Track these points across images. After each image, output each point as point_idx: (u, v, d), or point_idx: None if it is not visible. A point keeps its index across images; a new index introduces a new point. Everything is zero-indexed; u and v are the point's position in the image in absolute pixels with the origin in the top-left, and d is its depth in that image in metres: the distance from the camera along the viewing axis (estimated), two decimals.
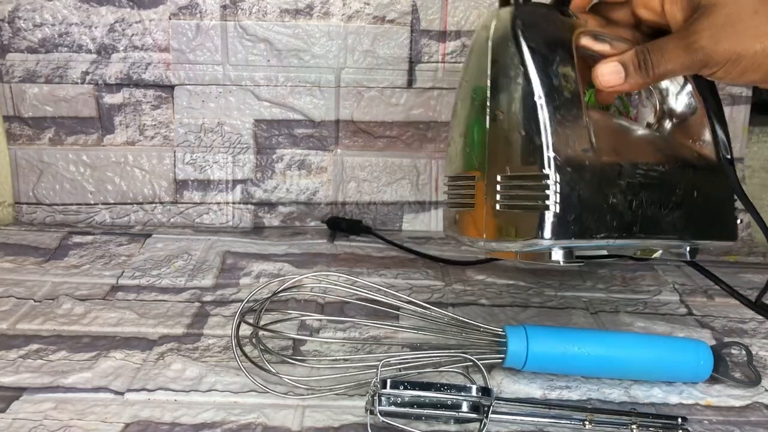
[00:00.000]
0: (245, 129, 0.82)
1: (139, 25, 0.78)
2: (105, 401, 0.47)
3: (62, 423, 0.45)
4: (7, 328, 0.57)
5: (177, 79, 0.80)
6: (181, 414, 0.46)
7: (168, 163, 0.82)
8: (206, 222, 0.82)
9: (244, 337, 0.54)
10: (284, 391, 0.49)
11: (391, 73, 0.81)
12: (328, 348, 0.56)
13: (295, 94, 0.81)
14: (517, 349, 0.50)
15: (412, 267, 0.71)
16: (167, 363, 0.52)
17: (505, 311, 0.63)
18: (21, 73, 0.79)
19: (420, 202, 0.84)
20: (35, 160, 0.81)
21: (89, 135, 0.81)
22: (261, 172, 0.83)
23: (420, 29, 0.80)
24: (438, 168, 0.83)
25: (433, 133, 0.83)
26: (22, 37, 0.78)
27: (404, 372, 0.50)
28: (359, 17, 0.80)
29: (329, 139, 0.82)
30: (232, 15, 0.79)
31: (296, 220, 0.83)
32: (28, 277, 0.66)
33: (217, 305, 0.62)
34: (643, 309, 0.64)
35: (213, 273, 0.68)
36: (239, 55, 0.80)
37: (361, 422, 0.46)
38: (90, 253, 0.72)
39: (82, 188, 0.81)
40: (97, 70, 0.79)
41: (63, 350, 0.54)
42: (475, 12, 0.80)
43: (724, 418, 0.47)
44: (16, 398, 0.47)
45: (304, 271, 0.70)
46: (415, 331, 0.54)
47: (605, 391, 0.50)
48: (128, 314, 0.59)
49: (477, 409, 0.44)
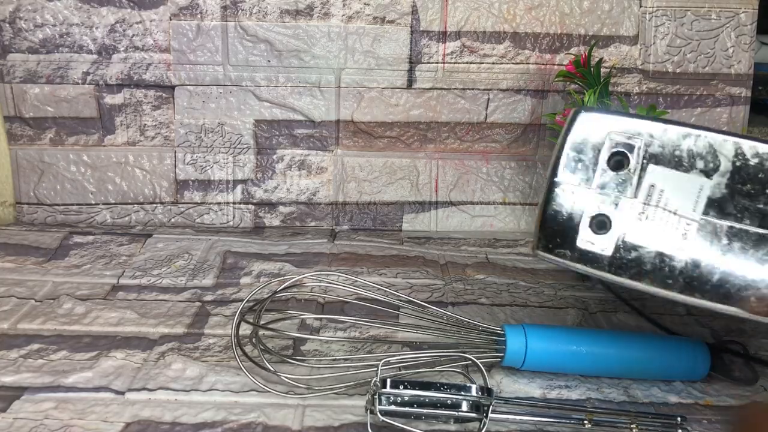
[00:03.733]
0: (246, 129, 0.82)
1: (139, 25, 0.79)
2: (106, 401, 0.47)
3: (63, 422, 0.45)
4: (8, 327, 0.57)
5: (177, 79, 0.80)
6: (182, 413, 0.46)
7: (169, 164, 0.82)
8: (207, 222, 0.83)
9: (244, 337, 0.54)
10: (284, 390, 0.49)
11: (391, 74, 0.81)
12: (328, 347, 0.56)
13: (296, 95, 0.81)
14: (516, 348, 0.50)
15: (412, 266, 0.72)
16: (168, 362, 0.52)
17: (505, 310, 0.63)
18: (22, 74, 0.79)
19: (420, 202, 0.84)
20: (36, 161, 0.81)
21: (90, 135, 0.81)
22: (261, 173, 0.83)
23: (420, 30, 0.80)
24: (438, 168, 0.83)
25: (433, 133, 0.83)
26: (23, 37, 0.78)
27: (404, 371, 0.50)
28: (359, 18, 0.80)
29: (329, 140, 0.83)
30: (232, 16, 0.79)
31: (296, 220, 0.84)
32: (29, 277, 0.66)
33: (218, 305, 0.62)
34: (642, 309, 0.64)
35: (213, 273, 0.69)
36: (240, 55, 0.80)
37: (361, 421, 0.46)
38: (91, 253, 0.72)
39: (83, 188, 0.81)
40: (97, 71, 0.79)
41: (64, 350, 0.54)
42: (475, 12, 0.80)
43: (723, 418, 0.48)
44: (17, 398, 0.47)
45: (304, 270, 0.70)
46: (415, 330, 0.54)
47: (605, 391, 0.50)
48: (129, 314, 0.60)
49: (477, 408, 0.44)
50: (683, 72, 0.83)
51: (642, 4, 0.81)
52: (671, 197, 0.44)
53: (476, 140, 0.83)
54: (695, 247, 0.43)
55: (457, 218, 0.84)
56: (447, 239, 0.80)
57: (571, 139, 0.46)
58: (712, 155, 0.43)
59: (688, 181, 0.43)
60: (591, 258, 0.44)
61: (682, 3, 0.81)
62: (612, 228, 0.44)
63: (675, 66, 0.82)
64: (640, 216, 0.44)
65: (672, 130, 0.44)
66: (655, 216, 0.44)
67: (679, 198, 0.43)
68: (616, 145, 0.44)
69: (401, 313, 0.60)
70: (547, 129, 0.82)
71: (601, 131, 0.45)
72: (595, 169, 0.45)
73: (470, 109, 0.82)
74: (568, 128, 0.46)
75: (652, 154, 0.44)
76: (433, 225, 0.84)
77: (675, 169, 0.44)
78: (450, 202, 0.84)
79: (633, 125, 0.44)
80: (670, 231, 0.43)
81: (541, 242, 0.45)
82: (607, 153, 0.45)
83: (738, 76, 0.83)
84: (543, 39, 0.81)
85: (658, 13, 0.82)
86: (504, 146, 0.83)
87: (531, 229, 0.84)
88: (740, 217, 0.42)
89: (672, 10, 0.82)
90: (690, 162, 0.44)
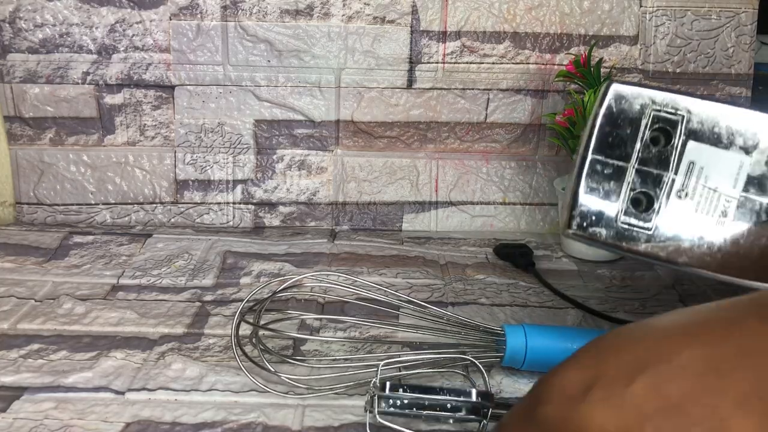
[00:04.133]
0: (246, 129, 0.82)
1: (139, 25, 0.79)
2: (105, 401, 0.47)
3: (63, 422, 0.45)
4: (8, 327, 0.57)
5: (177, 79, 0.80)
6: (182, 413, 0.46)
7: (168, 164, 0.82)
8: (207, 222, 0.83)
9: (244, 337, 0.54)
10: (284, 390, 0.49)
11: (391, 74, 0.81)
12: (328, 347, 0.56)
13: (296, 95, 0.81)
14: (516, 348, 0.50)
15: (412, 266, 0.72)
16: (168, 363, 0.52)
17: (505, 310, 0.63)
18: (22, 74, 0.79)
19: (420, 202, 0.84)
20: (36, 161, 0.81)
21: (90, 135, 0.81)
22: (261, 173, 0.83)
23: (420, 30, 0.80)
24: (438, 168, 0.83)
25: (433, 133, 0.83)
26: (23, 37, 0.78)
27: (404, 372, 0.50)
28: (359, 18, 0.80)
29: (329, 140, 0.83)
30: (232, 15, 0.79)
31: (296, 220, 0.84)
32: (29, 277, 0.66)
33: (218, 305, 0.62)
34: (642, 309, 0.64)
35: (213, 273, 0.69)
36: (240, 55, 0.80)
37: (361, 421, 0.46)
38: (91, 253, 0.72)
39: (83, 188, 0.81)
40: (97, 71, 0.79)
41: (64, 350, 0.54)
42: (475, 12, 0.80)
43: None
44: (16, 398, 0.47)
45: (304, 270, 0.70)
46: (415, 330, 0.54)
47: None
48: (129, 314, 0.60)
49: (477, 411, 0.44)
50: (683, 72, 0.83)
51: (642, 4, 0.81)
52: (711, 174, 0.43)
53: (476, 140, 0.83)
54: (735, 225, 0.43)
55: (457, 218, 0.84)
56: (447, 239, 0.80)
57: (605, 113, 0.44)
58: (750, 132, 0.43)
59: (727, 159, 0.43)
60: (629, 236, 0.43)
61: (682, 3, 0.81)
62: (652, 206, 0.43)
63: (675, 66, 0.82)
64: (679, 193, 0.44)
65: (710, 106, 0.43)
66: (695, 193, 0.43)
67: (718, 175, 0.43)
68: (657, 121, 0.44)
69: (401, 313, 0.60)
70: (547, 129, 0.82)
71: (638, 105, 0.44)
72: (635, 145, 0.44)
73: (470, 109, 0.82)
74: (600, 102, 0.45)
75: (692, 130, 0.43)
76: (433, 225, 0.84)
77: (714, 146, 0.43)
78: (450, 202, 0.84)
79: (673, 100, 0.44)
80: (710, 208, 0.43)
81: (575, 221, 0.44)
82: (648, 128, 0.44)
83: (738, 76, 0.83)
84: (543, 39, 0.81)
85: (658, 13, 0.82)
86: (504, 146, 0.83)
87: (531, 230, 0.84)
88: None
89: (672, 10, 0.82)
90: (729, 139, 0.43)
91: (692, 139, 0.43)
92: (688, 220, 0.43)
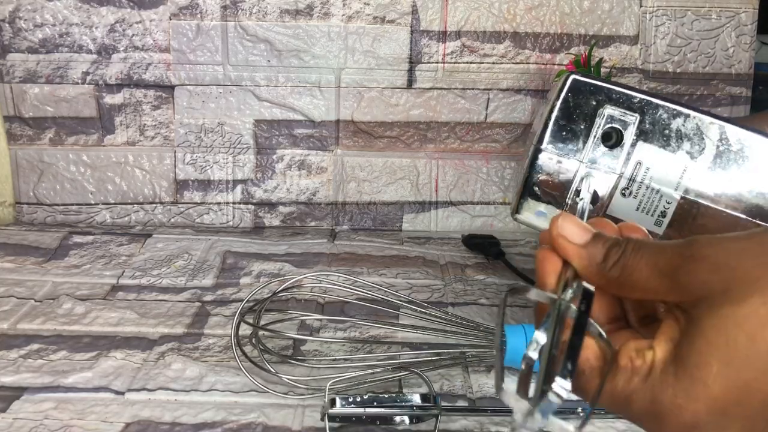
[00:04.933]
0: (245, 129, 0.82)
1: (139, 25, 0.78)
2: (105, 401, 0.47)
3: (63, 423, 0.45)
4: (7, 327, 0.57)
5: (177, 79, 0.80)
6: (182, 414, 0.46)
7: (168, 163, 0.82)
8: (206, 222, 0.83)
9: (244, 337, 0.54)
10: (284, 390, 0.49)
11: (391, 74, 0.81)
12: (328, 347, 0.56)
13: (296, 95, 0.81)
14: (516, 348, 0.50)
15: (412, 266, 0.72)
16: (167, 363, 0.52)
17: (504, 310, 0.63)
18: (21, 74, 0.79)
19: (420, 202, 0.84)
20: (36, 161, 0.81)
21: (90, 135, 0.81)
22: (261, 172, 0.83)
23: (420, 29, 0.80)
24: (438, 168, 0.83)
25: (433, 133, 0.83)
26: (23, 37, 0.78)
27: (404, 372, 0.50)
28: (359, 18, 0.80)
29: (329, 140, 0.83)
30: (232, 15, 0.79)
31: (296, 220, 0.83)
32: (29, 277, 0.66)
33: (218, 305, 0.62)
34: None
35: (213, 273, 0.68)
36: (239, 55, 0.80)
37: None
38: (90, 253, 0.72)
39: (83, 188, 0.81)
40: (97, 71, 0.79)
41: (63, 350, 0.54)
42: (475, 12, 0.80)
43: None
44: (16, 398, 0.47)
45: (304, 270, 0.70)
46: (415, 330, 0.54)
47: None
48: (129, 314, 0.60)
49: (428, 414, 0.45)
50: (683, 72, 0.83)
51: (642, 3, 0.81)
52: (655, 175, 0.45)
53: (476, 140, 0.83)
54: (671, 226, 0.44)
55: (457, 218, 0.84)
56: (447, 239, 0.80)
57: (562, 106, 0.45)
58: (698, 137, 0.44)
59: (673, 161, 0.44)
60: None
61: (682, 3, 0.81)
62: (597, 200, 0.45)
63: (675, 66, 0.82)
64: (624, 191, 0.45)
65: (664, 108, 0.45)
66: (638, 192, 0.45)
67: (663, 177, 0.44)
68: (611, 120, 0.45)
69: (401, 313, 0.60)
70: None
71: (595, 102, 0.45)
72: (586, 141, 0.45)
73: (470, 109, 0.82)
74: (558, 94, 0.46)
75: (643, 130, 0.45)
76: (433, 225, 0.84)
77: (663, 149, 0.44)
78: (450, 202, 0.84)
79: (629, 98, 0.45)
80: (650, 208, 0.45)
81: (522, 207, 0.47)
82: (601, 127, 0.45)
83: (738, 75, 0.83)
84: (543, 39, 0.81)
85: (659, 12, 0.81)
86: (504, 146, 0.83)
87: (531, 229, 0.84)
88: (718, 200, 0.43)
89: (672, 9, 0.82)
90: (677, 143, 0.44)
91: (642, 140, 0.44)
92: (630, 217, 0.44)
